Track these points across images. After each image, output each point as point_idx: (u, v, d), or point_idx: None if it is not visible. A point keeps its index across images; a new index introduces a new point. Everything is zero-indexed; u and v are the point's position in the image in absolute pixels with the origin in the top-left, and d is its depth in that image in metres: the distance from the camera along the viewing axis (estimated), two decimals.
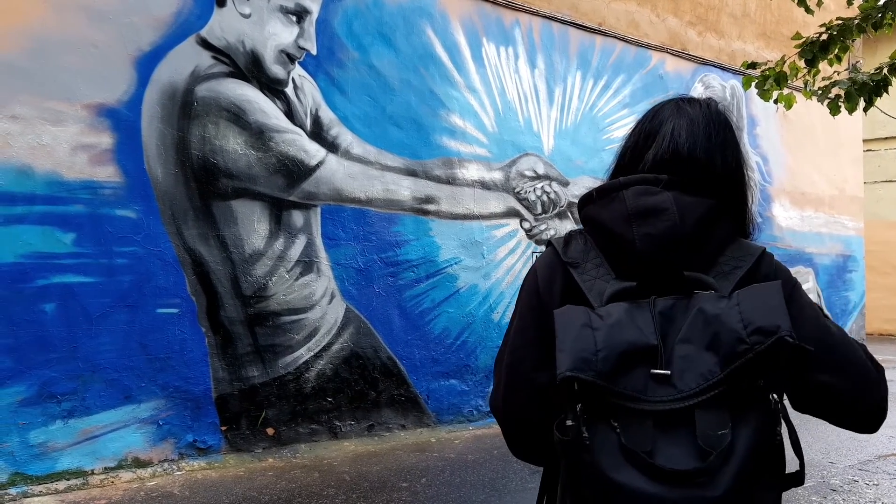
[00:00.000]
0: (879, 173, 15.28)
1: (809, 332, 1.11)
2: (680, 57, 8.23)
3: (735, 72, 8.68)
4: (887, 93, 4.49)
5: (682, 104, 1.27)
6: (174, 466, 4.72)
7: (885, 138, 14.95)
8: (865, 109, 4.59)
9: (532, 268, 1.27)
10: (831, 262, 10.06)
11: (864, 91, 4.44)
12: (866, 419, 1.16)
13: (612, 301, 1.11)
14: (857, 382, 1.13)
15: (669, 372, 1.03)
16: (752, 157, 9.02)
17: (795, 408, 1.18)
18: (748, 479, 1.00)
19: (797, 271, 9.54)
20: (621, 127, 7.58)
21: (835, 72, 4.82)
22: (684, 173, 1.19)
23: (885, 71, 4.42)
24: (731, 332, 1.03)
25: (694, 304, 1.07)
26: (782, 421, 1.02)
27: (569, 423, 1.03)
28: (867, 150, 12.40)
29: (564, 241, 1.24)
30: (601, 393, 1.03)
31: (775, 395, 1.02)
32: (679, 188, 1.17)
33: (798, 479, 1.10)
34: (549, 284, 1.21)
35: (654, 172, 1.20)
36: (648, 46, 7.88)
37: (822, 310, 1.19)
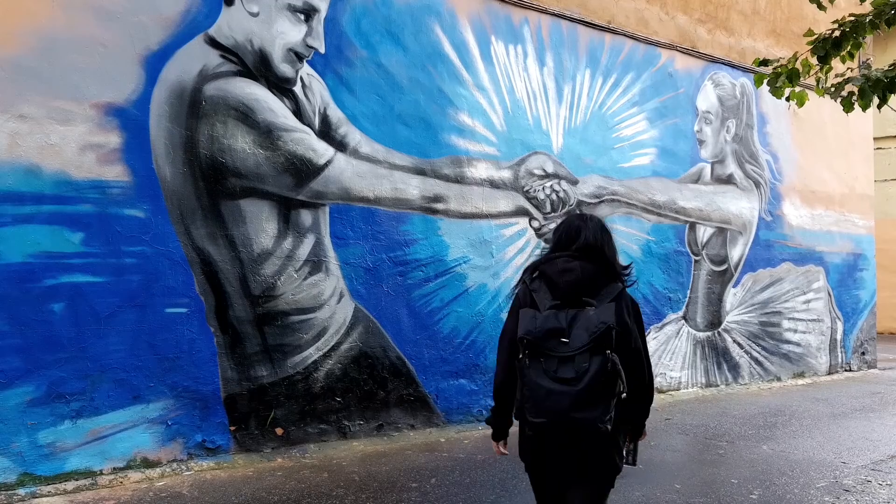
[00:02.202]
0: (890, 171, 15.19)
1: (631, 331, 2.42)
2: (689, 55, 8.19)
3: (745, 69, 8.63)
4: None
5: (585, 219, 2.54)
6: (183, 466, 4.72)
7: None
8: (879, 106, 4.54)
9: (517, 290, 2.53)
10: (842, 261, 9.99)
11: (878, 88, 4.39)
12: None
13: (549, 309, 2.34)
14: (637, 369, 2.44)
15: (569, 340, 2.26)
16: (762, 155, 8.96)
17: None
18: (596, 384, 2.23)
19: (808, 270, 9.48)
20: (631, 125, 7.55)
21: (847, 69, 4.77)
22: (589, 253, 2.43)
23: None
24: (592, 323, 2.27)
25: (585, 313, 2.31)
26: (611, 360, 2.25)
27: (521, 357, 2.32)
28: (877, 149, 12.30)
29: (530, 279, 2.47)
30: (536, 346, 2.28)
31: (608, 350, 2.24)
32: (583, 259, 2.42)
33: (620, 395, 2.32)
34: (525, 299, 2.45)
35: (575, 253, 2.44)
36: (658, 44, 7.84)
37: (642, 329, 2.50)
